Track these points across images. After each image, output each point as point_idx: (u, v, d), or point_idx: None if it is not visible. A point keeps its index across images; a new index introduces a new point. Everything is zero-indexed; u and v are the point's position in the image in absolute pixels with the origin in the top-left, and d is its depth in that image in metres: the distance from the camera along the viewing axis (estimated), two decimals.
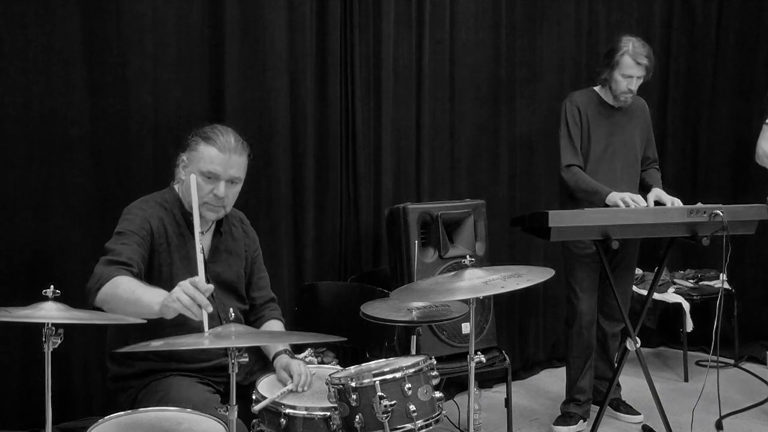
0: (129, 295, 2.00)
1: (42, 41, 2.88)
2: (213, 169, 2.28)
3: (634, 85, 3.45)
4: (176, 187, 2.42)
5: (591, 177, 3.47)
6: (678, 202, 3.34)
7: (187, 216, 2.35)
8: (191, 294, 1.84)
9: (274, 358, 2.38)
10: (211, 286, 1.89)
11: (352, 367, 2.28)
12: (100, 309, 2.08)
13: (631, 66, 3.40)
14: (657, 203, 3.39)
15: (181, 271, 2.29)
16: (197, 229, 2.01)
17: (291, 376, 2.26)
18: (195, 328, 2.01)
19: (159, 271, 2.27)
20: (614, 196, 3.30)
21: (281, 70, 3.47)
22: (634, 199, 3.27)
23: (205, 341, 1.77)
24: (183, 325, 2.12)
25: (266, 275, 2.64)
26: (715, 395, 3.46)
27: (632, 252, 3.67)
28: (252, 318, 2.57)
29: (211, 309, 1.87)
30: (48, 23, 2.88)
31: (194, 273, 2.09)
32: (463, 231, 3.58)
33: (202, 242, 2.35)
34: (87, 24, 2.97)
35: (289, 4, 3.49)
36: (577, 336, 3.61)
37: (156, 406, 2.04)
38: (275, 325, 2.57)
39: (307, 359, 2.46)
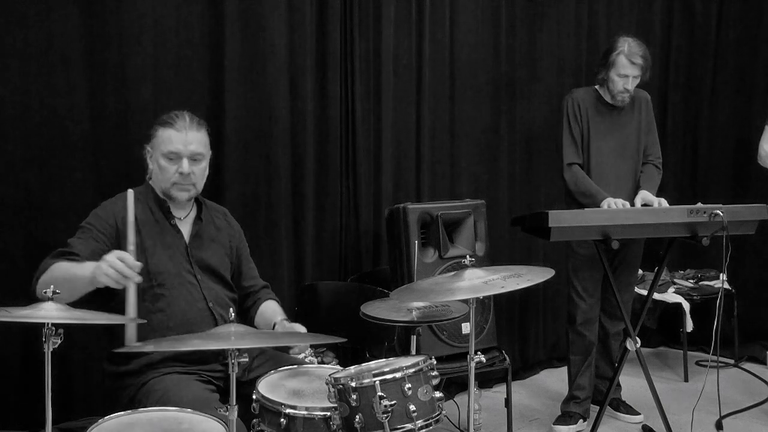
0: (65, 274, 2.15)
1: (42, 41, 2.87)
2: (174, 148, 2.40)
3: (630, 84, 3.47)
4: (148, 180, 2.53)
5: (595, 174, 3.50)
6: (664, 203, 3.36)
7: (162, 203, 2.47)
8: (118, 268, 2.02)
9: (273, 328, 2.47)
10: (139, 264, 2.07)
11: (352, 367, 2.27)
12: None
13: (626, 66, 3.43)
14: (644, 205, 3.40)
15: (159, 253, 2.40)
16: (131, 231, 2.16)
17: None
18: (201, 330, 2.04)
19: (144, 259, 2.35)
20: (605, 204, 3.33)
21: (281, 70, 3.47)
22: (625, 206, 3.30)
23: (207, 342, 1.77)
24: (187, 325, 2.14)
25: (254, 266, 2.73)
26: (715, 395, 3.46)
27: (636, 252, 3.67)
28: (249, 303, 2.65)
29: (138, 279, 2.06)
30: (48, 23, 2.88)
31: (173, 257, 2.42)
32: (463, 231, 3.58)
33: (180, 226, 2.49)
34: (87, 24, 2.96)
35: (289, 4, 3.49)
36: (578, 334, 3.62)
37: (155, 405, 2.05)
38: (272, 306, 2.64)
39: (307, 359, 2.47)
